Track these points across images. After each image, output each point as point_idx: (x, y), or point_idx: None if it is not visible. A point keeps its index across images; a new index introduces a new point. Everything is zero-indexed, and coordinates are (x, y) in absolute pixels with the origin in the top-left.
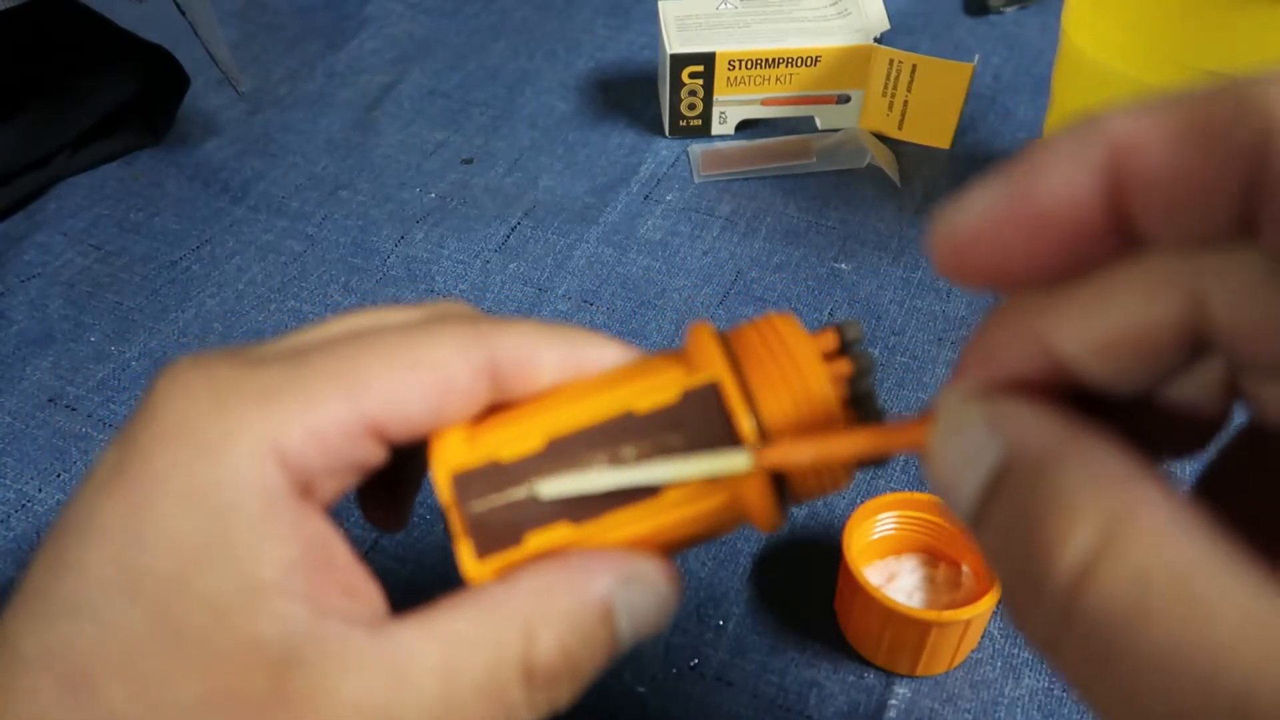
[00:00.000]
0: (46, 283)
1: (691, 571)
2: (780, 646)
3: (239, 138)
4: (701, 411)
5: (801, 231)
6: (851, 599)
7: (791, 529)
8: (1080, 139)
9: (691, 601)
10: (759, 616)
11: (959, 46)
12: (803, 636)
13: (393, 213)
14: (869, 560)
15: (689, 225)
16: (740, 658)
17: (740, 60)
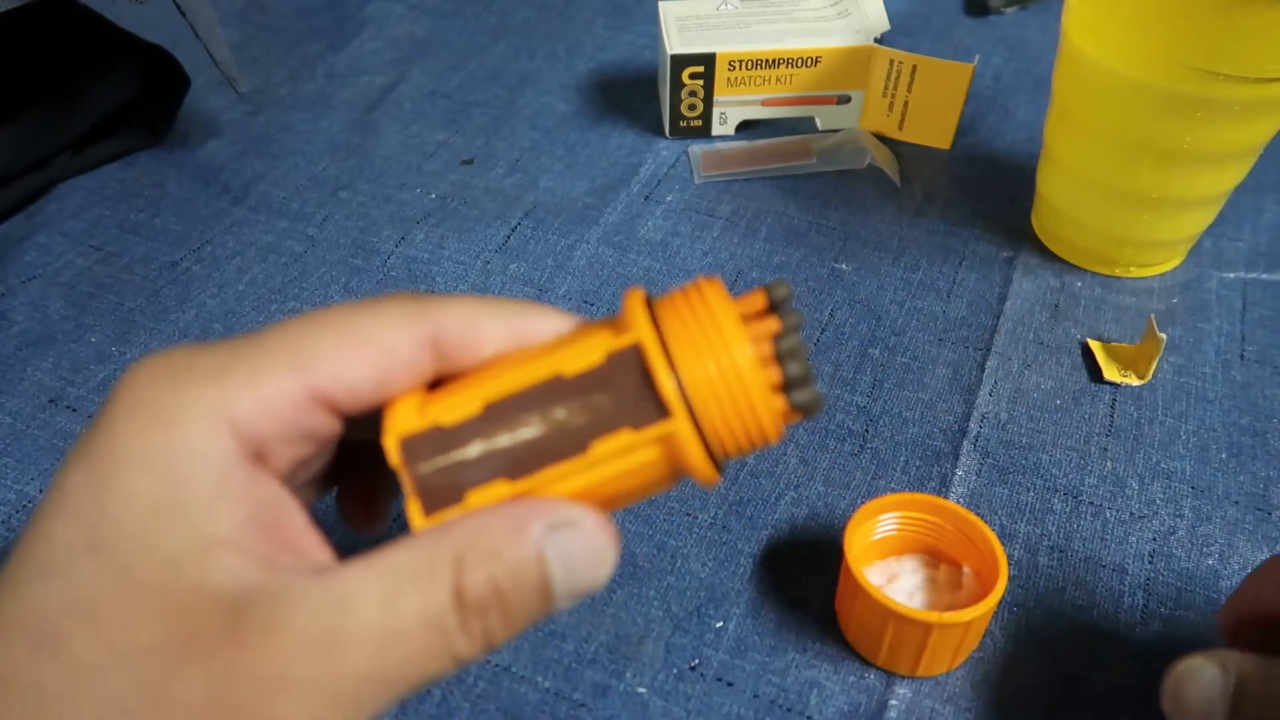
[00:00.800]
0: (47, 283)
1: (692, 572)
2: (781, 647)
3: (239, 138)
4: (625, 371)
5: (802, 232)
6: (852, 600)
7: (792, 529)
8: None
9: (692, 602)
10: (760, 617)
11: (959, 47)
12: (803, 637)
13: (393, 213)
14: (869, 561)
15: (689, 226)
16: (741, 658)
17: (740, 61)
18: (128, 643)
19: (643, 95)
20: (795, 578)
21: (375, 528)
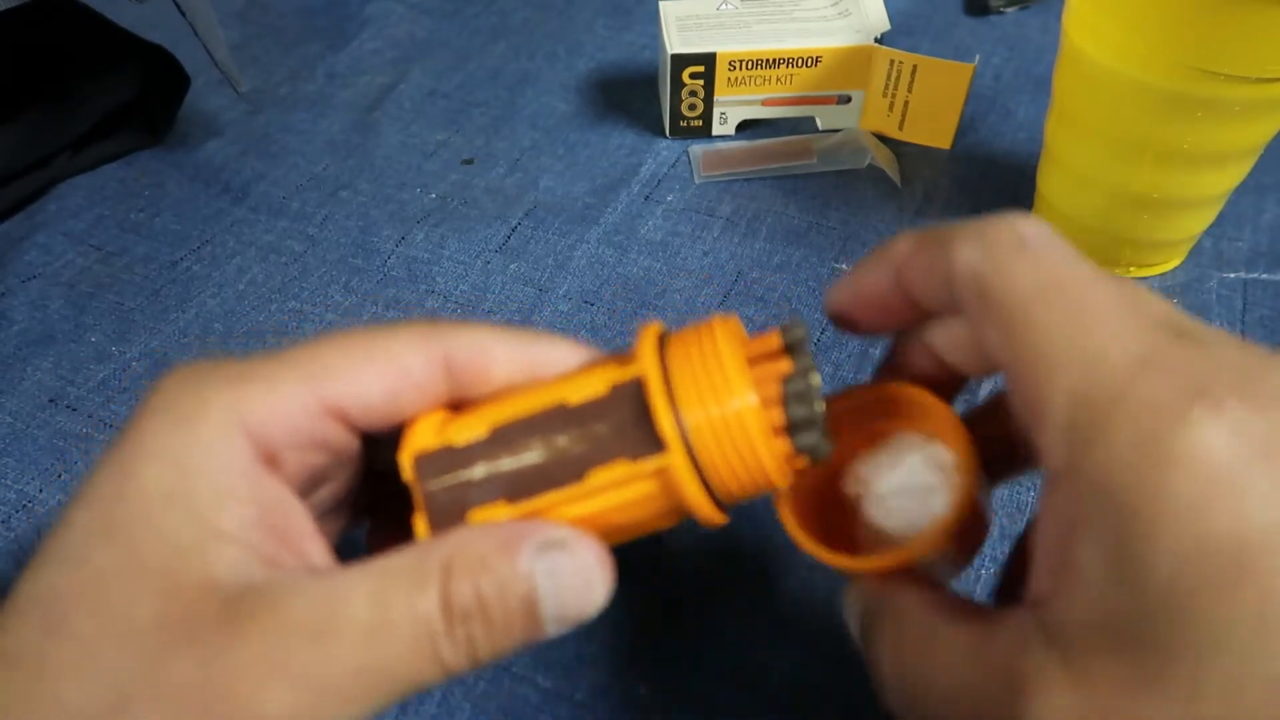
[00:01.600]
0: (47, 283)
1: (692, 571)
2: (781, 646)
3: (240, 138)
4: (626, 403)
5: (802, 232)
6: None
7: None
8: (882, 254)
9: (691, 602)
10: (760, 616)
11: (959, 47)
12: (804, 636)
13: (393, 213)
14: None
15: (690, 226)
16: (741, 658)
17: (741, 61)
18: (128, 622)
19: (643, 95)
20: (796, 577)
21: None
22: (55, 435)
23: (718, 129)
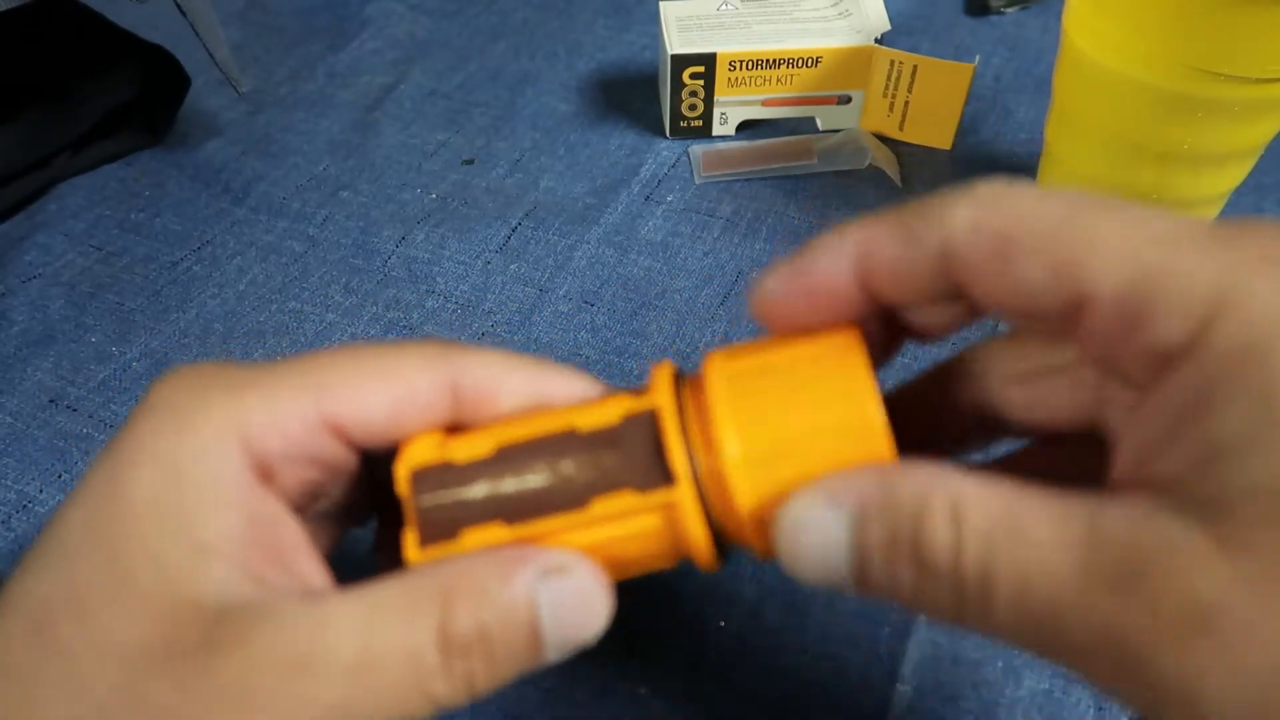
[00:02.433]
0: (47, 283)
1: (692, 571)
2: (781, 647)
3: (240, 138)
4: (638, 434)
5: (803, 232)
6: None
7: None
8: (835, 238)
9: (691, 602)
10: (759, 617)
11: (960, 47)
12: (804, 637)
13: (394, 213)
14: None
15: (690, 226)
16: (741, 659)
17: (741, 61)
18: (111, 639)
19: (643, 95)
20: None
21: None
22: (55, 435)
23: (718, 129)
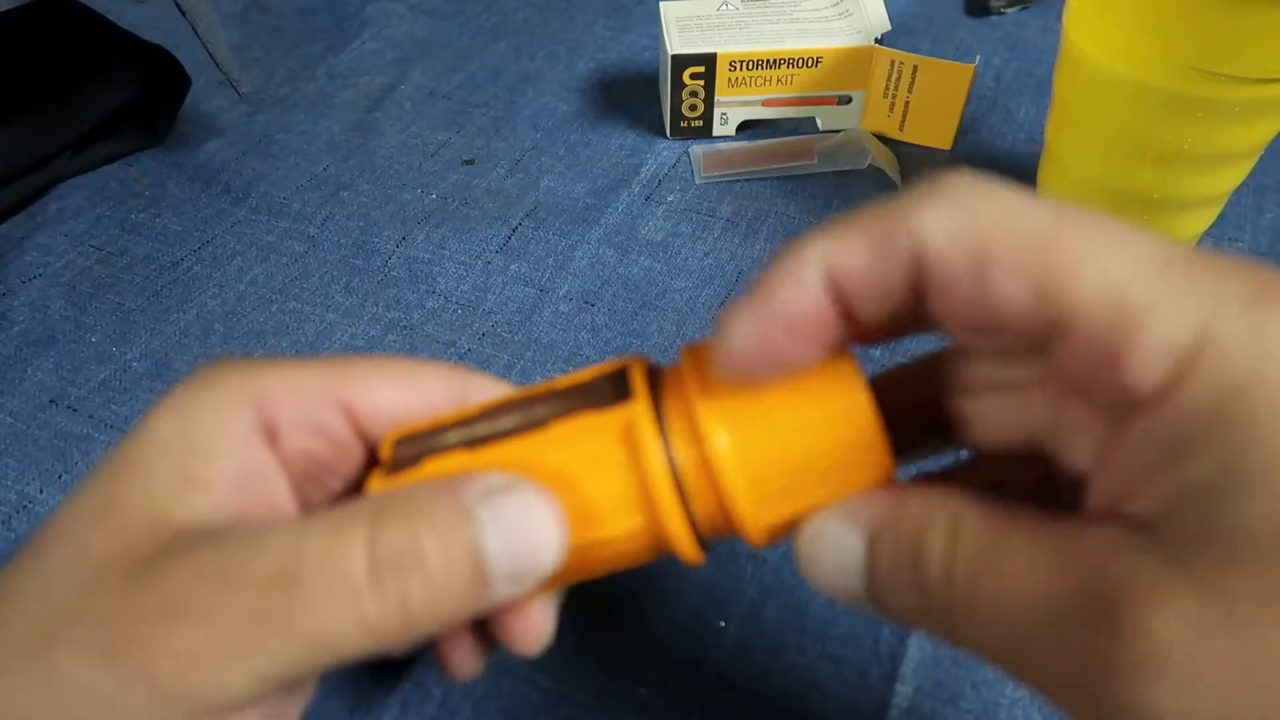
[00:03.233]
0: (48, 284)
1: (691, 572)
2: (781, 647)
3: (240, 139)
4: (606, 382)
5: (803, 232)
6: None
7: None
8: (797, 261)
9: (691, 602)
10: (759, 617)
11: (960, 47)
12: (804, 637)
13: (394, 214)
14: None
15: (690, 226)
16: (741, 659)
17: (741, 61)
18: (88, 554)
19: (643, 95)
20: (795, 578)
21: (474, 668)
22: (56, 436)
23: (718, 129)
